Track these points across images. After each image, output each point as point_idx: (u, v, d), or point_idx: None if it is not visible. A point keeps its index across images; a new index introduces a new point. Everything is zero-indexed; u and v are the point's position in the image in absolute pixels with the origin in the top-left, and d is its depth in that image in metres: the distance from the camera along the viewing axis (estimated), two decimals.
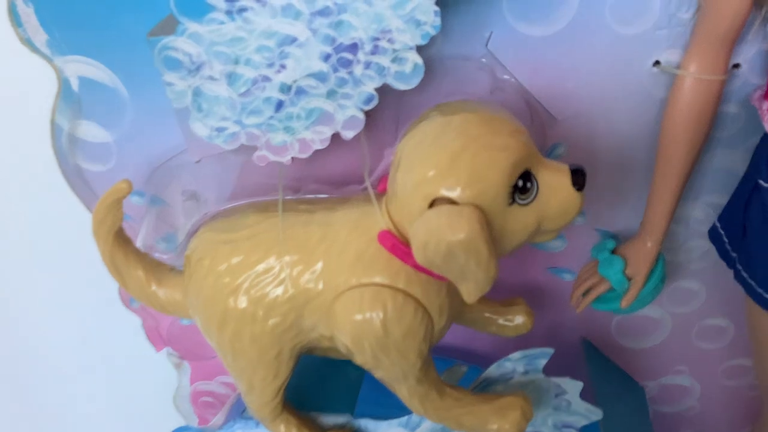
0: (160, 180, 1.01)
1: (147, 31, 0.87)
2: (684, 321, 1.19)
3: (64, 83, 0.94)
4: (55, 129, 0.97)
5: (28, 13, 0.89)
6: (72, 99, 0.96)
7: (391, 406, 1.00)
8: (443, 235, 0.73)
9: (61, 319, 1.38)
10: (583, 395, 0.98)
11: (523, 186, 0.77)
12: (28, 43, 0.91)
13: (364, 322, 0.81)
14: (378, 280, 0.83)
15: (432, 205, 0.76)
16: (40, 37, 0.90)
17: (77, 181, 1.03)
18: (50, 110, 0.96)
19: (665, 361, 1.25)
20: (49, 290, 1.34)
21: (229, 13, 0.82)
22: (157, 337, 1.24)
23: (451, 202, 0.75)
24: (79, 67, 0.93)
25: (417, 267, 0.82)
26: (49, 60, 0.93)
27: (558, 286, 1.15)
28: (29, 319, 1.39)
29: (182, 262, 0.97)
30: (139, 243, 0.99)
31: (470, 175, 0.75)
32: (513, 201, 0.77)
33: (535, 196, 0.78)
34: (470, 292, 0.79)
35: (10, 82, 1.04)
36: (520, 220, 0.78)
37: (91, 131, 0.99)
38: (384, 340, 0.82)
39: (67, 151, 1.00)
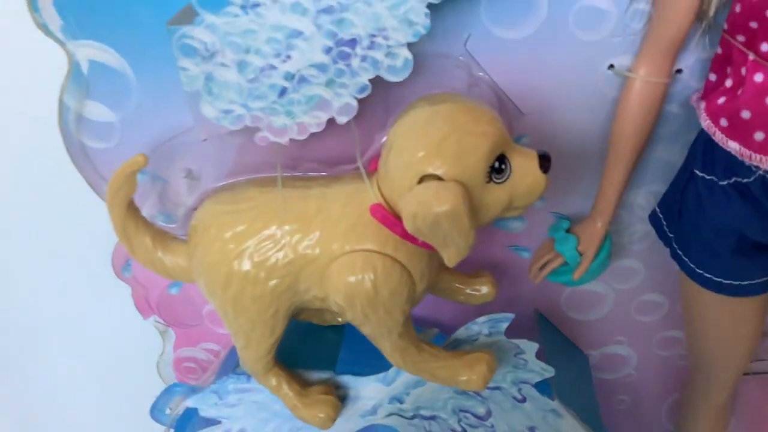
0: (161, 159, 1.04)
1: (157, 19, 0.91)
2: (624, 296, 1.28)
3: (74, 66, 0.97)
4: (62, 108, 1.00)
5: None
6: (81, 80, 0.99)
7: (368, 366, 1.09)
8: (431, 206, 0.82)
9: (51, 290, 1.39)
10: (537, 356, 1.06)
11: (498, 167, 0.87)
12: (43, 28, 0.94)
13: (357, 282, 0.90)
14: (369, 246, 0.91)
15: (421, 181, 0.85)
16: (55, 23, 0.93)
17: (80, 157, 1.05)
18: (59, 90, 0.99)
19: (607, 332, 1.33)
20: (42, 259, 1.35)
21: (243, 7, 0.90)
22: (145, 306, 1.28)
23: (438, 178, 0.85)
24: (90, 51, 0.97)
25: (403, 236, 0.91)
26: (62, 44, 0.96)
27: (517, 263, 1.22)
28: (19, 284, 1.40)
29: (182, 233, 1.03)
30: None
31: (455, 156, 0.85)
32: (490, 180, 0.87)
33: (508, 177, 0.88)
34: (451, 257, 0.89)
35: (23, 63, 1.07)
36: (495, 196, 0.88)
37: (97, 111, 1.02)
38: (373, 299, 0.90)
39: (72, 129, 1.02)
